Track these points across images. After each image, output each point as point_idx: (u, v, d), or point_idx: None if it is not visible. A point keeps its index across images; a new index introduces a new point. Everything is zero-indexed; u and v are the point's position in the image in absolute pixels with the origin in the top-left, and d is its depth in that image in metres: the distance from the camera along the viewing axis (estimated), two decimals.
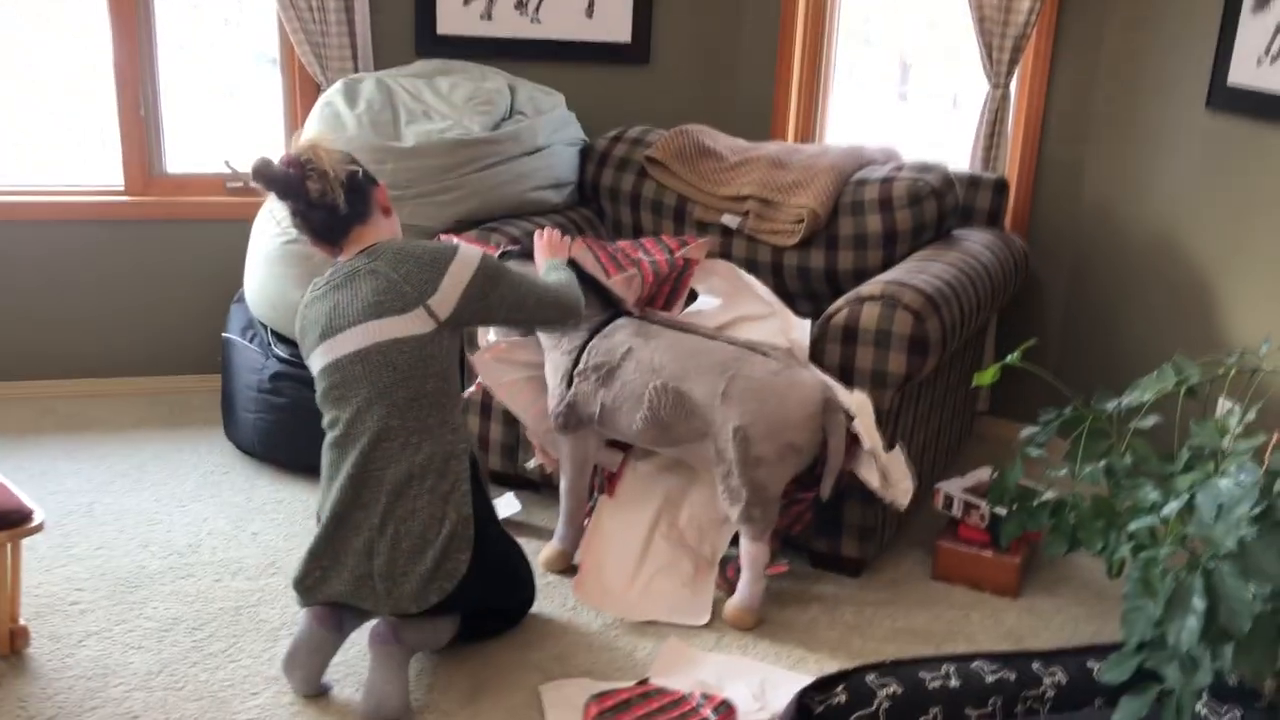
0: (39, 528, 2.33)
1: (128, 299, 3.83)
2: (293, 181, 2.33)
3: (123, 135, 3.72)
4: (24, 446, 3.45)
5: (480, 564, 2.33)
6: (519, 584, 2.56)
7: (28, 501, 2.33)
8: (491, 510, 2.47)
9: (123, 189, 3.77)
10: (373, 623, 2.36)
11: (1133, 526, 2.18)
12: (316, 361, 2.35)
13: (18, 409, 3.72)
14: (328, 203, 2.33)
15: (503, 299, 2.38)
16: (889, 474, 2.60)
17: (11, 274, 3.72)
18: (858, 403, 2.60)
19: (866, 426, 2.57)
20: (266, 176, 2.34)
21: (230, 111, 3.87)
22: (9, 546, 2.30)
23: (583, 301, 2.58)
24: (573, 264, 2.70)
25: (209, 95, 3.85)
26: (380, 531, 2.28)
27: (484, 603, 2.45)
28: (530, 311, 2.46)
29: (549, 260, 2.68)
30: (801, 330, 2.76)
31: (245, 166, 2.36)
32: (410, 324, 2.28)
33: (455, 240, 2.48)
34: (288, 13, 3.57)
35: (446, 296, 2.29)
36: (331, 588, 2.31)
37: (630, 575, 2.76)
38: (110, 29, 3.61)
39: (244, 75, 3.85)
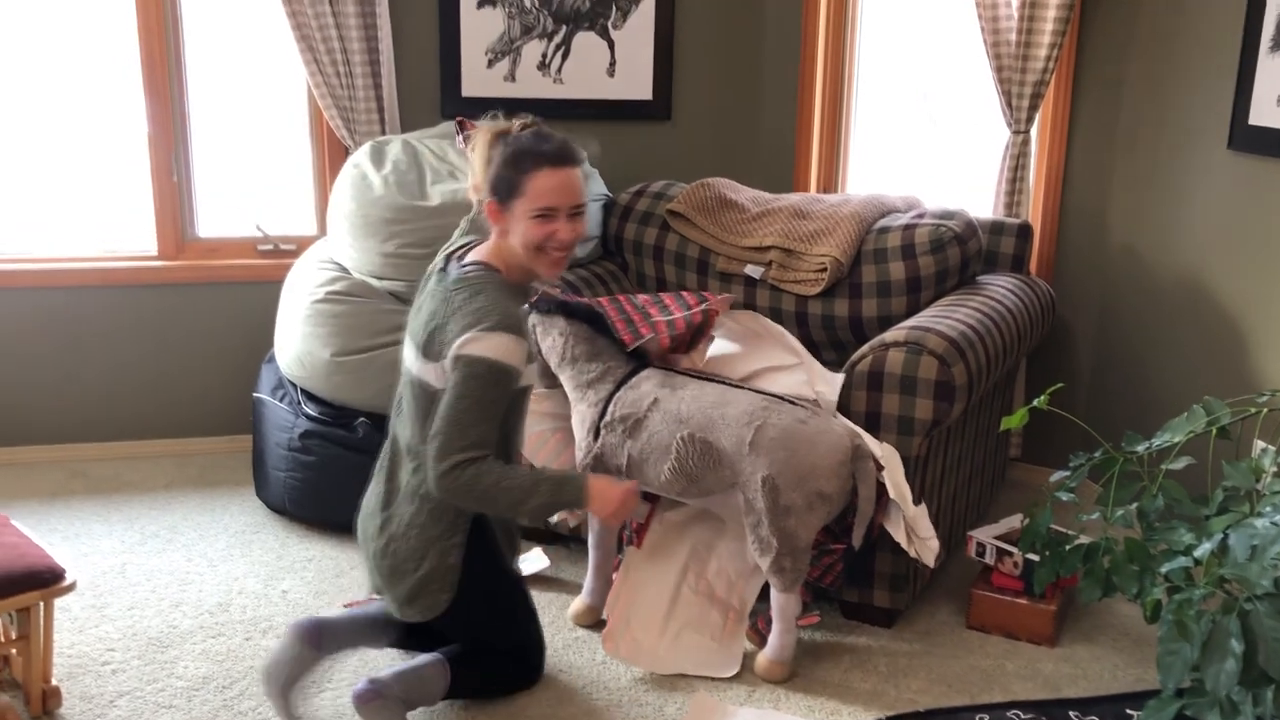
0: (71, 587, 2.35)
1: (160, 362, 3.88)
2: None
3: (156, 200, 3.80)
4: (57, 509, 3.48)
5: (468, 614, 2.39)
6: (519, 629, 2.54)
7: (60, 561, 2.35)
8: (494, 567, 2.44)
9: (156, 254, 3.85)
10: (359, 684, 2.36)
11: (1167, 569, 2.15)
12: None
13: (52, 472, 3.76)
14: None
15: (449, 390, 2.23)
16: (915, 529, 2.58)
17: (47, 339, 3.78)
18: (886, 454, 2.59)
19: (894, 479, 2.56)
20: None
21: (260, 175, 3.95)
22: (42, 606, 2.32)
23: (470, 498, 2.24)
24: (594, 313, 2.72)
25: (239, 159, 3.92)
26: (380, 531, 2.41)
27: (473, 642, 2.48)
28: (432, 435, 2.23)
29: (575, 480, 2.34)
30: (830, 383, 2.74)
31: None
32: (432, 373, 2.31)
33: (509, 330, 2.24)
34: (315, 78, 3.65)
35: (450, 356, 2.27)
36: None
37: (659, 628, 2.74)
38: (143, 96, 3.71)
39: (273, 140, 3.93)
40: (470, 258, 2.38)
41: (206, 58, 3.80)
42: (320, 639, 2.39)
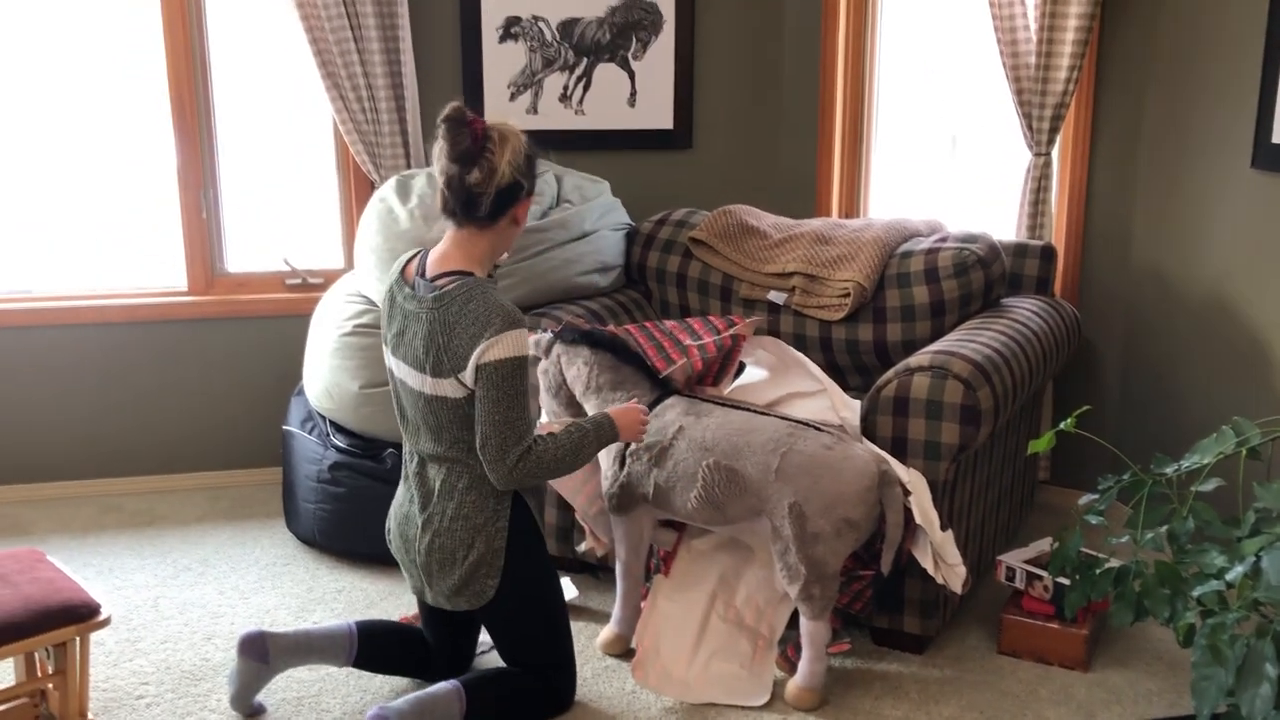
0: (106, 622, 2.37)
1: (190, 396, 3.93)
2: (466, 151, 2.29)
3: (185, 237, 3.85)
4: (91, 543, 3.52)
5: (515, 599, 2.44)
6: (556, 639, 2.56)
7: (95, 596, 2.38)
8: (538, 551, 2.51)
9: (186, 289, 3.90)
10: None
11: (1199, 592, 2.13)
12: (385, 355, 2.52)
13: (85, 507, 3.81)
14: (475, 194, 2.31)
15: (483, 399, 2.30)
16: (943, 555, 2.57)
17: (79, 375, 3.83)
18: (912, 479, 2.58)
19: (921, 505, 2.55)
20: (453, 122, 2.29)
21: (287, 210, 3.99)
22: (78, 641, 2.35)
23: (528, 476, 2.35)
24: (618, 342, 2.74)
25: (267, 195, 3.98)
26: (423, 530, 2.46)
27: (514, 641, 2.51)
28: (481, 440, 2.32)
29: (607, 418, 2.48)
30: (852, 409, 2.75)
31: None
32: (447, 387, 2.36)
33: (514, 325, 2.31)
34: (341, 114, 3.71)
35: (471, 369, 2.32)
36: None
37: (688, 657, 2.73)
38: (173, 135, 3.77)
39: (300, 175, 3.98)
40: (437, 270, 2.38)
41: (234, 95, 3.86)
42: (266, 652, 2.49)
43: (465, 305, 2.31)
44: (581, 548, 3.02)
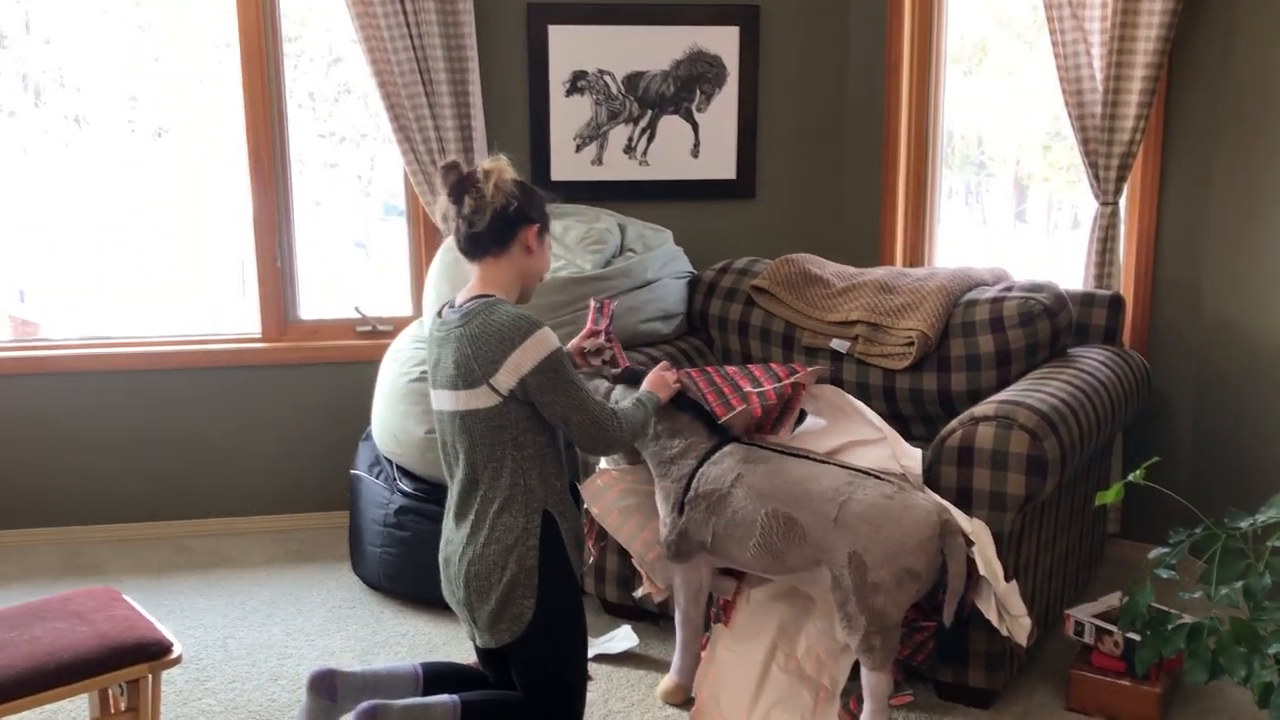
0: (177, 660, 2.42)
1: (261, 440, 4.02)
2: (458, 189, 2.47)
3: (260, 284, 3.96)
4: (163, 583, 3.60)
5: (544, 625, 2.44)
6: (571, 675, 2.53)
7: (167, 635, 2.43)
8: (567, 572, 2.49)
9: (259, 335, 4.00)
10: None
11: (1276, 650, 2.07)
12: (430, 398, 2.57)
13: (157, 548, 3.90)
14: (473, 221, 2.46)
15: (552, 403, 2.40)
16: (1007, 607, 2.53)
17: (154, 419, 3.94)
18: (976, 529, 2.55)
19: (985, 555, 2.52)
20: (445, 169, 2.50)
21: (359, 260, 4.09)
22: (150, 678, 2.40)
23: (630, 437, 2.52)
24: (680, 393, 2.75)
25: (340, 245, 4.08)
26: (459, 563, 2.49)
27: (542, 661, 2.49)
28: (572, 429, 2.44)
29: (647, 391, 2.67)
30: (913, 458, 2.73)
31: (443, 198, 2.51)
32: (478, 398, 2.40)
33: (534, 328, 2.41)
34: (412, 166, 3.80)
35: (507, 375, 2.37)
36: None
37: (748, 708, 2.71)
38: (249, 187, 3.89)
39: (373, 226, 4.08)
40: (462, 299, 2.50)
41: (309, 146, 3.98)
42: (335, 690, 2.49)
43: (488, 317, 2.40)
44: (638, 593, 3.02)
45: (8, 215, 3.95)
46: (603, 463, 2.95)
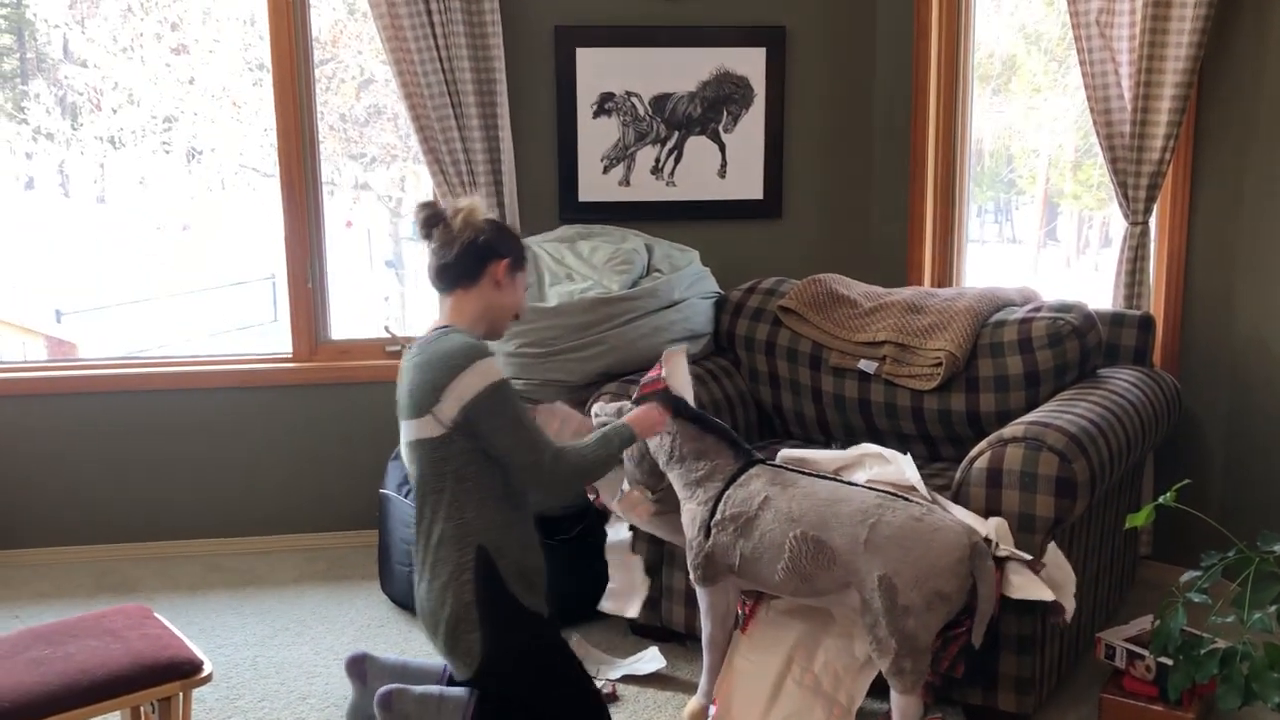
0: (208, 678, 2.44)
1: (292, 459, 4.05)
2: (428, 224, 2.54)
3: (291, 305, 4.01)
4: (195, 601, 3.63)
5: (501, 652, 2.41)
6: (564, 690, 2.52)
7: (199, 653, 2.46)
8: (514, 608, 2.44)
9: (291, 355, 4.04)
10: None
11: None
12: None
13: (188, 566, 3.93)
14: (441, 253, 2.53)
15: (491, 433, 2.38)
16: (1054, 579, 2.52)
17: (187, 438, 3.99)
18: (994, 527, 2.55)
19: (1011, 550, 2.52)
20: (419, 206, 2.57)
21: (388, 281, 4.13)
22: (181, 696, 2.42)
23: (577, 480, 2.49)
24: (702, 413, 2.76)
25: (370, 267, 4.12)
26: (417, 598, 2.51)
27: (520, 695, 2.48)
28: (512, 466, 2.41)
29: (623, 424, 2.57)
30: (907, 465, 2.74)
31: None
32: (425, 427, 2.41)
33: (479, 356, 2.40)
34: (441, 187, 3.84)
35: (450, 404, 2.38)
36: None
37: (759, 718, 2.71)
38: (281, 210, 3.94)
39: (403, 248, 4.11)
40: (426, 329, 2.57)
41: (338, 169, 4.02)
42: (365, 673, 2.53)
43: (439, 345, 2.44)
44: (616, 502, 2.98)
45: (45, 236, 4.01)
46: (625, 484, 2.95)
